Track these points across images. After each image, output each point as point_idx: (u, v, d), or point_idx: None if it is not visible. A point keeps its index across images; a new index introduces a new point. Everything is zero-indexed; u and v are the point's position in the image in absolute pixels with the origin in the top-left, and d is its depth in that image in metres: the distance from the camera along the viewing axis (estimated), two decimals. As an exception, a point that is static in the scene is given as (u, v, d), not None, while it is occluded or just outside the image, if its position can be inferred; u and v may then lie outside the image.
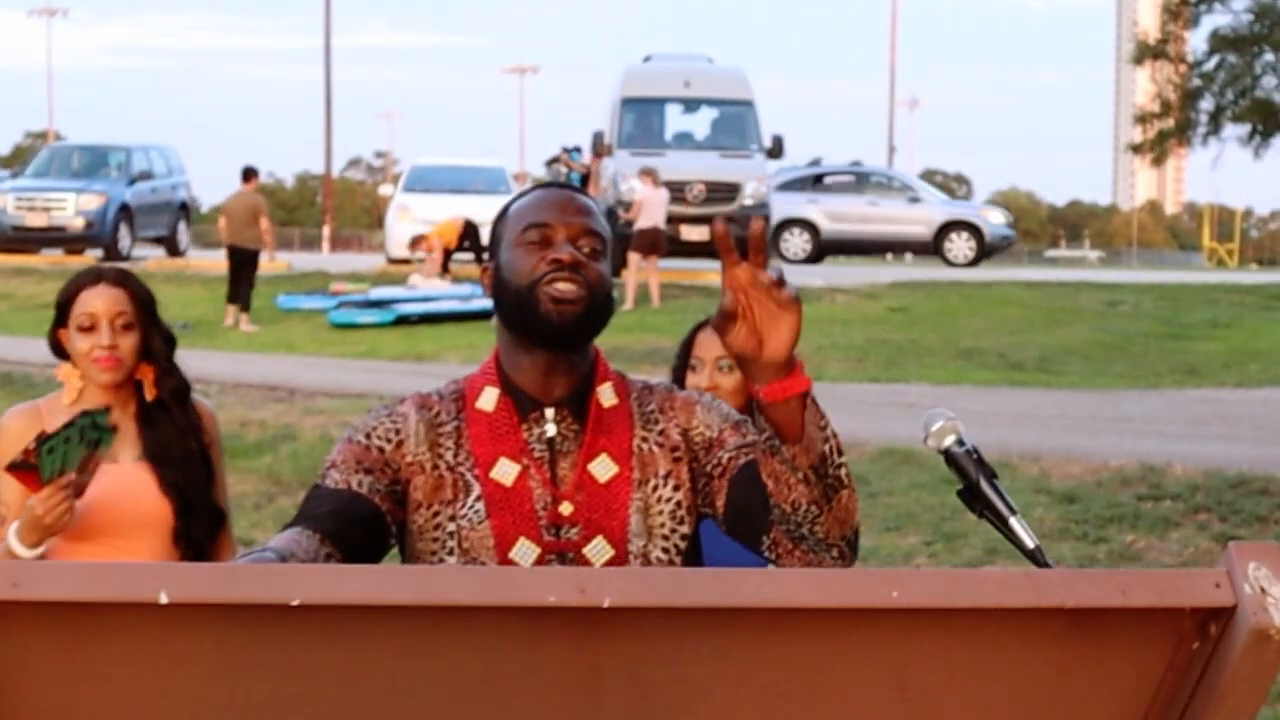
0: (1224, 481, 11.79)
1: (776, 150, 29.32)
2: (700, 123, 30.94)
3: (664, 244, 25.46)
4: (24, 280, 28.19)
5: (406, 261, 29.42)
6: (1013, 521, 2.92)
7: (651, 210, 24.85)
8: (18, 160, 76.54)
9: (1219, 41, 33.22)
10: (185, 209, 34.18)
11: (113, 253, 30.67)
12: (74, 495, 4.20)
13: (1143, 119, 40.36)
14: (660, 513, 3.04)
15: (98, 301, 4.46)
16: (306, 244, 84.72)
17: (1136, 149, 40.02)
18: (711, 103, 30.52)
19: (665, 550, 3.03)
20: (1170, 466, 12.29)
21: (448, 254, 27.25)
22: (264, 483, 12.53)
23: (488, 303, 16.88)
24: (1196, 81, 35.11)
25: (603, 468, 3.04)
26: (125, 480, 4.46)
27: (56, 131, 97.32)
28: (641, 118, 30.17)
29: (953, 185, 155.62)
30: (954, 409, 11.33)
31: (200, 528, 4.54)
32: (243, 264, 23.83)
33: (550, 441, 3.05)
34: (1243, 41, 33.61)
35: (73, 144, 38.37)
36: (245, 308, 23.66)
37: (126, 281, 4.54)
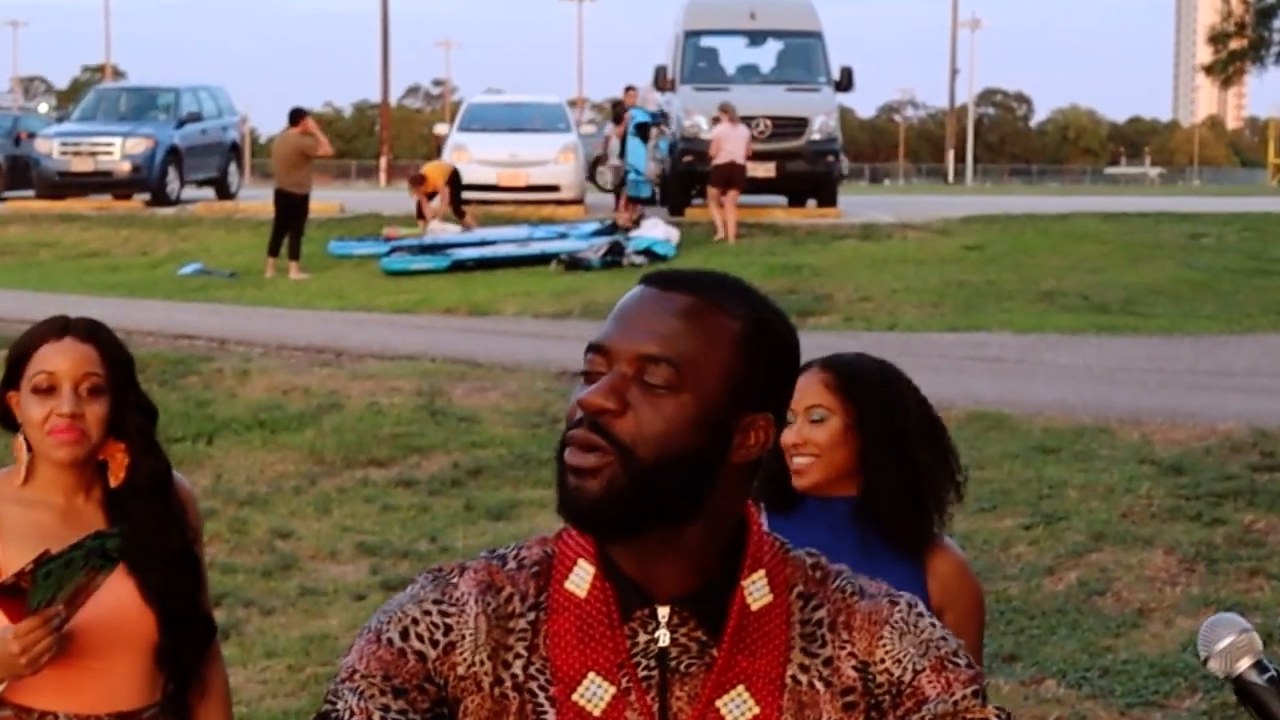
0: (1343, 449, 10.88)
1: (845, 83, 28.30)
2: (766, 55, 29.93)
3: (743, 180, 24.80)
4: (69, 227, 27.55)
5: (465, 203, 28.61)
6: None
7: (730, 146, 24.36)
8: (74, 95, 76.02)
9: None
10: (235, 150, 33.44)
11: (160, 197, 30.07)
12: (58, 629, 3.32)
13: (1214, 39, 39.41)
14: None
15: (60, 359, 3.51)
16: (364, 174, 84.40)
17: (1208, 70, 39.14)
18: (778, 35, 29.53)
19: None
20: (1284, 431, 11.38)
21: (430, 198, 26.33)
22: (305, 462, 11.68)
23: (545, 245, 16.02)
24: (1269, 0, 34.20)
25: (739, 707, 2.04)
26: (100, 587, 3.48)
27: (114, 66, 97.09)
28: (705, 51, 29.26)
29: (1013, 104, 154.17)
30: (1040, 361, 10.21)
31: (189, 646, 3.62)
32: (289, 209, 23.01)
33: (662, 656, 2.05)
34: (1317, -43, 32.81)
35: (120, 86, 37.72)
36: (295, 255, 22.86)
37: (98, 335, 3.58)
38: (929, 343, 16.01)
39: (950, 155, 77.86)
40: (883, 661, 2.05)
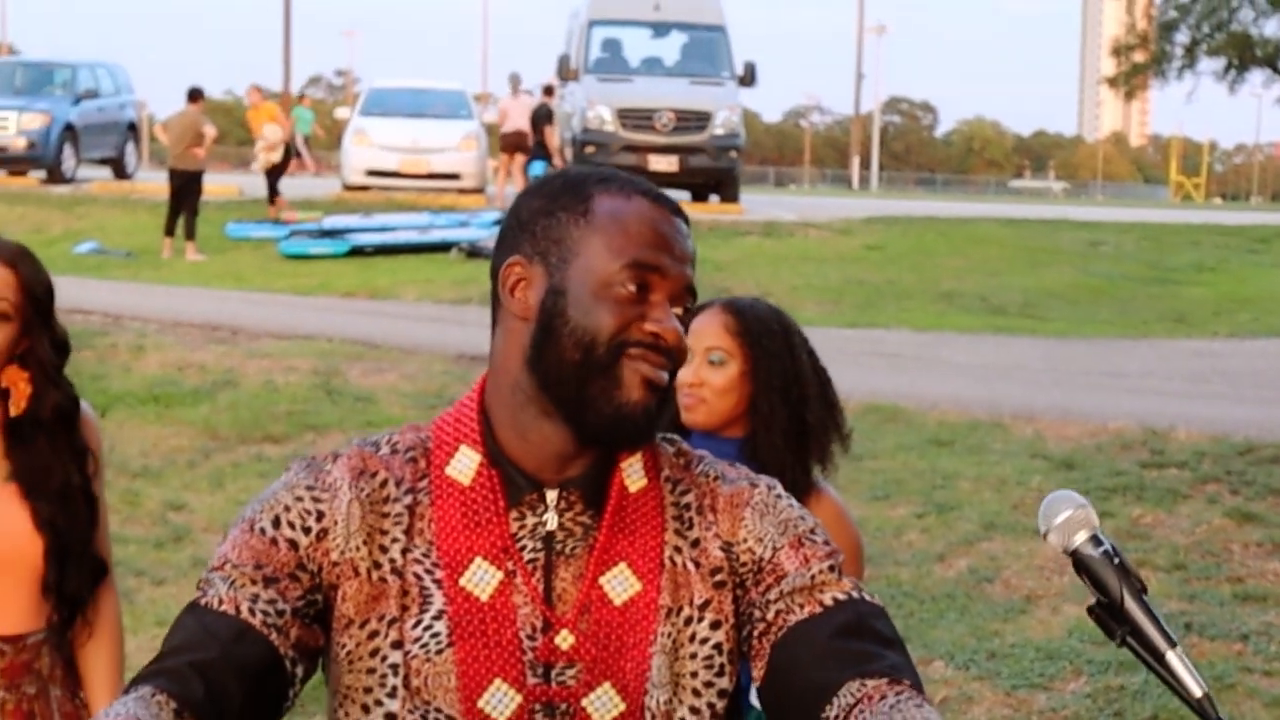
0: (1231, 448, 11.01)
1: (749, 78, 28.34)
2: (670, 48, 29.94)
3: (528, 146, 27.13)
4: (-36, 203, 27.18)
5: (364, 188, 28.49)
6: (1171, 657, 2.17)
7: (515, 116, 26.76)
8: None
9: (1195, -28, 32.77)
10: (133, 129, 33.16)
11: (56, 174, 29.74)
12: None
13: (1117, 51, 39.62)
14: (694, 657, 2.13)
15: None
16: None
17: (1111, 82, 39.30)
18: (682, 27, 29.54)
19: (695, 711, 2.12)
20: (1173, 430, 11.49)
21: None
22: (199, 437, 11.59)
23: (446, 233, 15.83)
24: (1172, 13, 34.55)
25: (620, 583, 2.12)
26: None
27: (10, 45, 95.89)
28: (608, 42, 29.23)
29: (918, 113, 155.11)
30: (936, 358, 10.24)
31: (76, 580, 3.55)
32: (184, 188, 22.83)
33: (548, 538, 2.12)
34: (1219, -28, 33.12)
35: (15, 60, 37.27)
36: (190, 235, 22.68)
37: (19, 260, 3.50)
38: (827, 338, 15.90)
39: (855, 162, 78.19)
40: (745, 541, 2.16)
